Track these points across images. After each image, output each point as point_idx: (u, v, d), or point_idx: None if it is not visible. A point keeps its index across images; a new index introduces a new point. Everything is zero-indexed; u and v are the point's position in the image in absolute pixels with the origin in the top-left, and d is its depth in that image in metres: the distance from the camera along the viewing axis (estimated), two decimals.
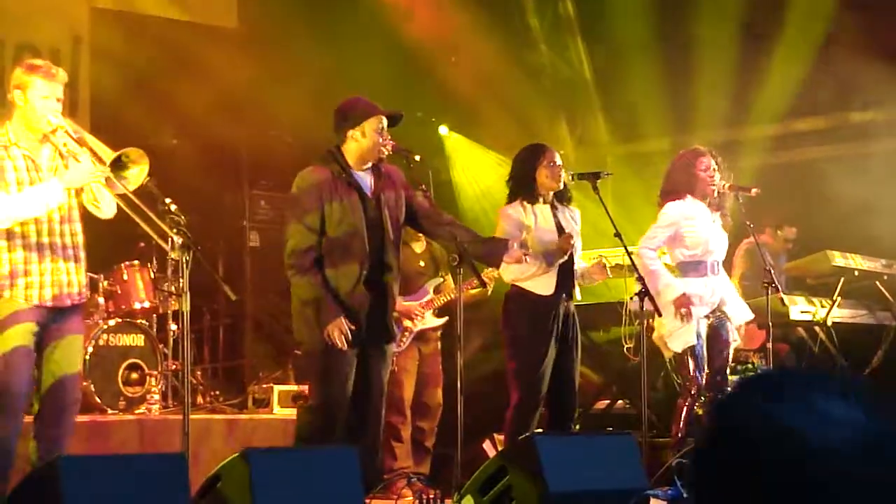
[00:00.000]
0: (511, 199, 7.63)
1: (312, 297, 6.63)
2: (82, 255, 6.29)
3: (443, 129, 11.87)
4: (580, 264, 7.75)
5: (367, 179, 6.81)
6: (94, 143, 6.12)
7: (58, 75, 6.19)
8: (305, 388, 8.25)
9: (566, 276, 7.55)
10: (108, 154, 6.04)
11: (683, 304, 7.72)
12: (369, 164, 6.80)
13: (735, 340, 8.12)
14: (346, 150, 6.77)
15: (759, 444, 1.39)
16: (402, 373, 8.62)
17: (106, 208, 6.24)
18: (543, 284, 7.49)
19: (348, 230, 6.66)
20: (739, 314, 8.10)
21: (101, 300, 8.81)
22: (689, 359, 7.83)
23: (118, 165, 6.01)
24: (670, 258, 8.07)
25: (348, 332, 6.55)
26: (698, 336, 7.82)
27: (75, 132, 6.13)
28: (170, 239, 6.04)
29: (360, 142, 6.74)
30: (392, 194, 6.87)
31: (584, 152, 11.79)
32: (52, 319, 6.17)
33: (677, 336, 7.82)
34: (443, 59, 11.15)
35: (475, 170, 11.80)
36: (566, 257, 7.51)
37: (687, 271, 7.92)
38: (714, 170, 7.95)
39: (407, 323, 8.51)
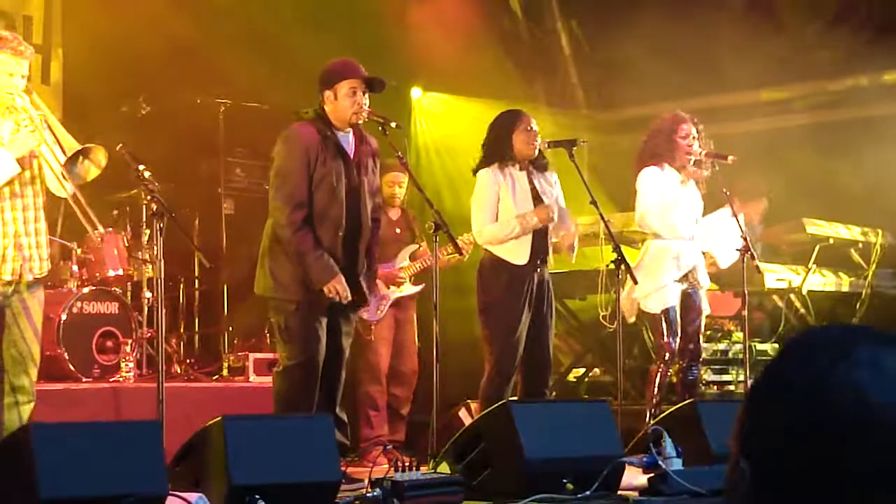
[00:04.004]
0: (484, 164, 7.58)
1: (302, 253, 6.58)
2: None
3: (415, 92, 11.72)
4: (571, 228, 7.70)
5: (350, 142, 6.78)
6: (61, 133, 6.02)
7: (26, 52, 6.06)
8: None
9: (541, 242, 7.54)
10: (72, 146, 5.95)
11: None
12: (349, 128, 6.78)
13: (706, 309, 8.14)
14: (327, 111, 6.75)
15: (824, 403, 1.35)
16: (379, 341, 8.61)
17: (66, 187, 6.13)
18: (518, 252, 7.46)
19: (328, 192, 6.63)
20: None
21: (74, 268, 8.77)
22: (664, 322, 7.84)
23: (75, 159, 5.94)
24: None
25: (346, 285, 6.59)
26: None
27: (44, 120, 5.99)
28: (96, 229, 6.01)
29: (333, 104, 6.73)
30: (370, 161, 6.86)
31: (561, 119, 11.73)
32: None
33: (655, 297, 7.83)
34: (416, 25, 11.07)
35: (457, 126, 11.53)
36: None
37: (661, 236, 7.94)
38: (693, 137, 7.94)
39: (384, 290, 8.49)
